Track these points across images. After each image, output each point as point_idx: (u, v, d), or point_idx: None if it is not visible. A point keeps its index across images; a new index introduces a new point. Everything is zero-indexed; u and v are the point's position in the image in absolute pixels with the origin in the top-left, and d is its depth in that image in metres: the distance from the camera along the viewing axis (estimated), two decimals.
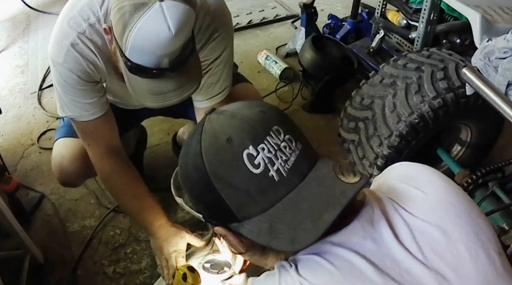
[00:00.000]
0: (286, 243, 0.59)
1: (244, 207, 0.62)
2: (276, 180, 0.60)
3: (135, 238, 1.70)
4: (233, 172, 0.61)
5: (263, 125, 0.63)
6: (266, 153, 0.60)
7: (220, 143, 0.62)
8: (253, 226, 0.62)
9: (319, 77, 2.21)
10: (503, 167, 1.47)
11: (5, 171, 1.73)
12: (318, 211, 0.59)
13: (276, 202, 0.61)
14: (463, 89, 1.40)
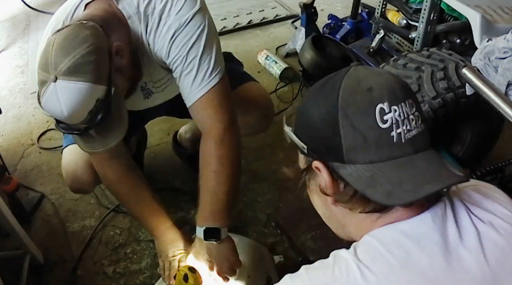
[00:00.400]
0: (382, 195, 0.62)
1: (354, 151, 0.65)
2: (393, 141, 0.64)
3: (135, 238, 1.70)
4: (362, 116, 0.64)
5: (403, 92, 0.66)
6: (396, 115, 0.64)
7: (361, 88, 0.65)
8: (355, 171, 0.64)
9: (319, 77, 2.20)
10: (503, 167, 1.47)
11: (5, 171, 1.73)
12: (421, 181, 0.62)
13: (385, 160, 0.64)
14: (463, 89, 1.40)
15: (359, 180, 0.64)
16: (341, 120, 0.64)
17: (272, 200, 1.83)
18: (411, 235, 0.63)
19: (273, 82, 2.45)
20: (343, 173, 0.65)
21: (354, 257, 0.64)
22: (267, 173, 1.94)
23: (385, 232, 0.65)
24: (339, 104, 0.65)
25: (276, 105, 2.31)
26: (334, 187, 0.68)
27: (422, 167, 0.64)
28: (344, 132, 0.64)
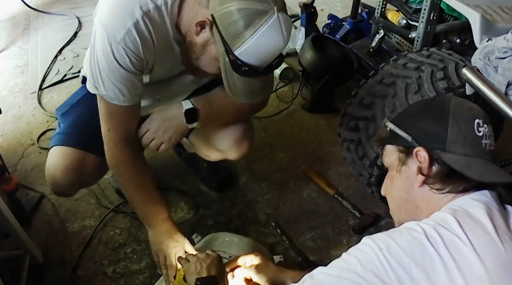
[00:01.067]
0: (476, 174, 0.85)
1: (456, 144, 0.88)
2: (482, 147, 0.89)
3: (135, 238, 1.70)
4: (465, 122, 0.89)
5: (488, 119, 0.93)
6: (486, 130, 0.90)
7: (465, 106, 0.93)
8: (453, 157, 0.87)
9: (319, 77, 2.21)
10: (503, 167, 1.47)
11: (5, 171, 1.73)
12: (501, 174, 0.88)
13: (475, 156, 0.88)
14: (463, 89, 1.40)
15: (457, 163, 0.86)
16: (450, 120, 0.89)
17: (272, 200, 1.83)
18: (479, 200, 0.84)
19: None
20: (444, 157, 0.87)
21: (447, 212, 0.81)
22: (267, 173, 1.94)
23: (461, 201, 0.85)
24: (450, 110, 0.90)
25: (276, 105, 2.31)
26: (430, 169, 0.89)
27: (498, 169, 0.90)
28: (451, 128, 0.88)
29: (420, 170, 0.89)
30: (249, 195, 1.85)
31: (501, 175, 0.88)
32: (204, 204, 1.82)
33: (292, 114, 2.26)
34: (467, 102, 0.94)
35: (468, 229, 0.76)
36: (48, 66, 2.62)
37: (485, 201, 0.83)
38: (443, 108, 0.91)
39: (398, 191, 0.96)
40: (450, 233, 0.75)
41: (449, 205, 0.85)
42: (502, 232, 0.77)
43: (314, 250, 1.63)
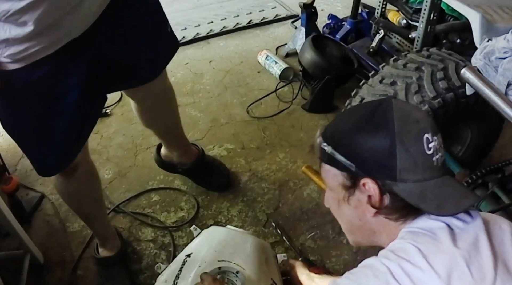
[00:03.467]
0: (433, 207, 0.76)
1: (406, 171, 0.77)
2: (434, 165, 0.79)
3: (135, 238, 1.70)
4: (414, 143, 0.77)
5: (436, 126, 0.81)
6: (436, 144, 0.79)
7: (411, 120, 0.79)
8: (406, 187, 0.77)
9: (319, 77, 2.21)
10: (503, 167, 1.47)
11: (5, 171, 1.73)
12: (459, 197, 0.79)
13: (429, 179, 0.78)
14: (463, 89, 1.40)
15: (410, 195, 0.77)
16: (398, 145, 0.76)
17: (272, 200, 1.83)
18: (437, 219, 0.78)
19: (273, 82, 2.45)
20: (396, 189, 0.77)
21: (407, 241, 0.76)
22: (267, 173, 1.94)
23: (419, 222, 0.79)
24: (396, 132, 0.77)
25: (276, 105, 2.32)
26: (381, 201, 0.80)
27: (454, 185, 0.81)
28: (400, 155, 0.76)
29: (370, 203, 0.80)
30: (249, 195, 1.85)
31: (458, 200, 0.78)
32: (204, 204, 1.82)
33: (292, 114, 2.26)
34: (411, 111, 0.82)
35: (432, 258, 0.71)
36: None
37: (444, 220, 0.77)
38: (387, 126, 0.77)
39: (348, 217, 0.88)
40: (414, 268, 0.71)
41: (409, 228, 0.79)
42: (466, 252, 0.72)
43: (314, 250, 1.63)
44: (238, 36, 2.87)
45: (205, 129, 2.17)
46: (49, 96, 1.13)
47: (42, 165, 1.27)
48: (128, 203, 1.83)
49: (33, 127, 1.17)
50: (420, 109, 0.90)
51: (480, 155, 1.79)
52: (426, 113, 0.87)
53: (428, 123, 0.80)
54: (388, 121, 0.78)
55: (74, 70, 1.12)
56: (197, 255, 1.19)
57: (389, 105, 0.81)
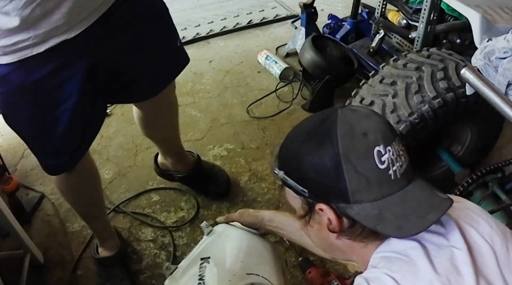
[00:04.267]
0: (393, 229, 0.70)
1: (359, 192, 0.71)
2: (391, 178, 0.71)
3: (135, 238, 1.70)
4: (363, 161, 0.70)
5: (392, 132, 0.74)
6: (391, 155, 0.71)
7: (357, 134, 0.71)
8: (362, 210, 0.71)
9: (319, 77, 2.21)
10: (503, 167, 1.47)
11: (5, 171, 1.74)
12: (423, 211, 0.71)
13: (387, 196, 0.71)
14: (463, 89, 1.40)
15: (367, 218, 0.71)
16: (344, 166, 0.70)
17: (272, 200, 1.83)
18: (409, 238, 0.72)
19: (273, 82, 2.45)
20: (351, 213, 0.71)
21: (382, 271, 0.70)
22: (267, 173, 1.94)
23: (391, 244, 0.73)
24: (340, 152, 0.70)
25: (276, 105, 2.32)
26: (340, 225, 0.74)
27: (418, 197, 0.73)
28: (348, 176, 0.70)
29: (329, 228, 0.75)
30: (249, 195, 1.85)
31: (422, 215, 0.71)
32: (204, 204, 1.82)
33: (292, 114, 2.26)
34: (358, 123, 0.73)
35: None
36: None
37: (417, 239, 0.72)
38: (331, 146, 0.71)
39: (314, 239, 0.85)
40: None
41: (382, 252, 0.74)
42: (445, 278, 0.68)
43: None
44: (238, 36, 2.87)
45: (205, 129, 2.17)
46: (46, 100, 1.13)
47: (46, 164, 1.28)
48: (128, 203, 1.83)
49: (34, 129, 1.19)
50: (370, 115, 0.76)
51: (480, 155, 1.79)
52: (377, 118, 0.75)
53: (379, 132, 0.72)
54: (332, 139, 0.71)
55: (71, 77, 1.11)
56: (219, 262, 1.08)
57: (333, 119, 0.73)
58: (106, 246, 1.58)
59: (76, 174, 1.32)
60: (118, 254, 1.58)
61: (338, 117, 0.74)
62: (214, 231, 1.17)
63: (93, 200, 1.50)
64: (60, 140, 1.19)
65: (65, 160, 1.26)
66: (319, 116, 0.77)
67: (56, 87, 1.11)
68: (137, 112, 1.55)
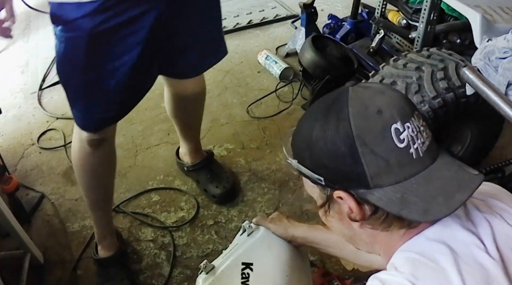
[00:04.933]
0: (418, 213, 0.64)
1: (379, 175, 0.65)
2: (413, 158, 0.65)
3: (135, 238, 1.70)
4: (380, 141, 0.64)
5: (409, 106, 0.68)
6: (410, 132, 0.65)
7: (371, 112, 0.65)
8: (383, 194, 0.65)
9: (319, 77, 2.21)
10: (503, 167, 1.47)
11: (5, 171, 1.73)
12: (450, 191, 0.65)
13: (409, 177, 0.65)
14: (463, 89, 1.40)
15: (390, 203, 0.65)
16: (360, 149, 0.64)
17: (272, 200, 1.83)
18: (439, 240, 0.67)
19: (273, 82, 2.45)
20: (372, 198, 0.66)
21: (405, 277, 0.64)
22: (267, 173, 1.94)
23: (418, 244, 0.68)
24: (354, 134, 0.65)
25: (276, 105, 2.32)
26: (362, 213, 0.69)
27: (444, 175, 0.66)
28: (365, 159, 0.65)
29: (350, 217, 0.70)
30: (249, 195, 1.85)
31: (450, 195, 0.65)
32: (204, 204, 1.82)
33: (292, 114, 2.26)
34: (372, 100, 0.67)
35: None
36: (48, 66, 2.62)
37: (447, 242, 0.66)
38: (343, 128, 0.65)
39: (337, 229, 0.80)
40: None
41: (407, 251, 0.68)
42: None
43: (314, 250, 1.63)
44: (238, 36, 2.87)
45: (205, 129, 2.17)
46: (107, 51, 1.16)
47: (83, 119, 1.29)
48: (128, 203, 1.83)
49: (89, 79, 1.20)
50: (384, 90, 0.69)
51: (480, 155, 1.79)
52: (392, 93, 0.69)
53: (395, 108, 0.66)
54: (343, 121, 0.66)
55: (137, 31, 1.15)
56: (263, 272, 1.02)
57: (344, 99, 0.68)
58: (105, 244, 1.57)
59: (101, 152, 1.37)
60: (117, 254, 1.58)
61: (349, 95, 0.68)
62: (254, 234, 1.10)
63: (106, 188, 1.52)
64: (106, 95, 1.23)
65: (101, 119, 1.29)
66: (330, 96, 0.71)
67: (120, 39, 1.15)
68: (168, 94, 1.64)
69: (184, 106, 1.69)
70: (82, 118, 1.29)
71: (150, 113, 2.26)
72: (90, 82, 1.20)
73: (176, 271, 1.59)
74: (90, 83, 1.20)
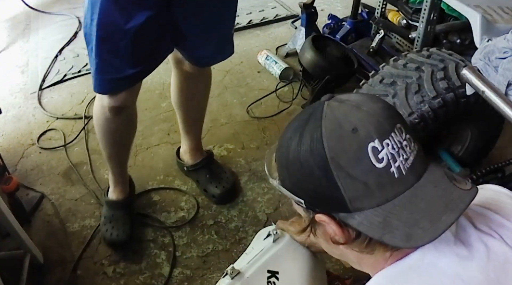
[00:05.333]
0: (401, 239, 0.59)
1: (358, 199, 0.61)
2: (395, 177, 0.60)
3: (135, 238, 1.70)
4: (356, 163, 0.60)
5: (388, 121, 0.62)
6: (390, 149, 0.60)
7: (345, 132, 0.61)
8: (364, 218, 0.61)
9: (319, 77, 2.21)
10: (503, 167, 1.47)
11: (5, 171, 1.73)
12: (436, 212, 0.60)
13: (392, 198, 0.61)
14: (463, 89, 1.40)
15: (372, 227, 0.61)
16: (335, 172, 0.60)
17: (272, 200, 1.83)
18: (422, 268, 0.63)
19: (273, 82, 2.45)
20: (353, 223, 0.62)
21: None
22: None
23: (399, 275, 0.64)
24: (328, 156, 0.60)
25: (276, 105, 2.32)
26: (345, 236, 0.65)
27: (430, 195, 0.61)
28: (342, 183, 0.60)
29: (334, 239, 0.67)
30: (249, 195, 1.85)
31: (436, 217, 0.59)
32: (204, 204, 1.82)
33: (292, 114, 2.26)
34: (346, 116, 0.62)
35: None
36: (48, 66, 2.62)
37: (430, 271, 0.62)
38: (318, 150, 0.61)
39: (325, 247, 0.76)
40: None
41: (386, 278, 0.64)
42: None
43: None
44: (238, 36, 2.87)
45: (205, 129, 2.17)
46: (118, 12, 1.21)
47: (97, 79, 1.34)
48: None
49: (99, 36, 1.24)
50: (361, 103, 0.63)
51: (480, 155, 1.79)
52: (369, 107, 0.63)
53: (372, 125, 0.61)
54: (317, 142, 0.61)
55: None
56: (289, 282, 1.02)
57: (318, 116, 0.63)
58: (116, 190, 1.71)
59: (121, 118, 1.46)
60: (124, 199, 1.71)
61: (324, 112, 0.63)
62: (279, 241, 1.08)
63: (122, 147, 1.62)
64: (120, 54, 1.28)
65: (120, 78, 1.33)
66: (306, 111, 0.67)
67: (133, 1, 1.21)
68: (175, 76, 1.68)
69: (188, 94, 1.71)
70: (96, 78, 1.34)
71: (150, 113, 2.26)
72: (102, 39, 1.25)
73: (176, 271, 1.59)
74: (102, 41, 1.25)
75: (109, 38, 1.25)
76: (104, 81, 1.34)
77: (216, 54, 1.53)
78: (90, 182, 1.89)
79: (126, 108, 1.44)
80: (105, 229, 1.66)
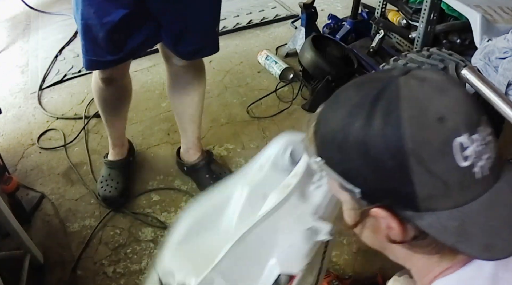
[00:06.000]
0: (479, 249, 0.52)
1: (433, 199, 0.52)
2: (476, 178, 0.52)
3: (135, 238, 1.70)
4: (438, 158, 0.50)
5: (477, 111, 0.53)
6: (477, 146, 0.51)
7: (430, 119, 0.50)
8: (436, 220, 0.52)
9: (319, 77, 2.21)
10: None
11: (5, 171, 1.73)
12: None
13: (470, 201, 0.52)
14: None
15: (445, 231, 0.52)
16: (412, 166, 0.50)
17: None
18: None
19: (273, 82, 2.45)
20: (421, 224, 0.53)
21: None
22: None
23: None
24: (406, 146, 0.50)
25: (276, 105, 2.32)
26: (404, 235, 0.56)
27: (510, 198, 0.54)
28: (418, 179, 0.51)
29: (389, 237, 0.57)
30: None
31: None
32: None
33: (292, 114, 2.26)
34: (431, 100, 0.52)
35: None
36: (48, 66, 2.62)
37: None
38: (395, 136, 0.51)
39: (368, 240, 0.66)
40: None
41: None
42: None
43: None
44: (238, 36, 2.87)
45: (205, 129, 2.17)
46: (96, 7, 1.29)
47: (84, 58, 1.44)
48: (128, 203, 1.83)
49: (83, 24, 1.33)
50: (446, 87, 0.53)
51: None
52: (456, 92, 0.53)
53: (460, 114, 0.51)
54: (394, 127, 0.51)
55: None
56: None
57: (394, 94, 0.52)
58: (114, 152, 1.85)
59: (113, 88, 1.59)
60: (121, 160, 1.86)
61: (401, 91, 0.52)
62: None
63: (117, 113, 1.75)
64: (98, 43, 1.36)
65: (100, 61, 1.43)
66: (372, 85, 0.55)
67: None
68: (167, 76, 1.74)
69: (180, 88, 1.73)
70: (83, 57, 1.44)
71: (150, 113, 2.26)
72: (85, 27, 1.34)
73: None
74: (85, 28, 1.35)
75: (90, 29, 1.34)
76: (90, 61, 1.44)
77: (200, 48, 1.57)
78: (90, 182, 1.89)
79: (115, 80, 1.56)
80: (101, 186, 1.80)
